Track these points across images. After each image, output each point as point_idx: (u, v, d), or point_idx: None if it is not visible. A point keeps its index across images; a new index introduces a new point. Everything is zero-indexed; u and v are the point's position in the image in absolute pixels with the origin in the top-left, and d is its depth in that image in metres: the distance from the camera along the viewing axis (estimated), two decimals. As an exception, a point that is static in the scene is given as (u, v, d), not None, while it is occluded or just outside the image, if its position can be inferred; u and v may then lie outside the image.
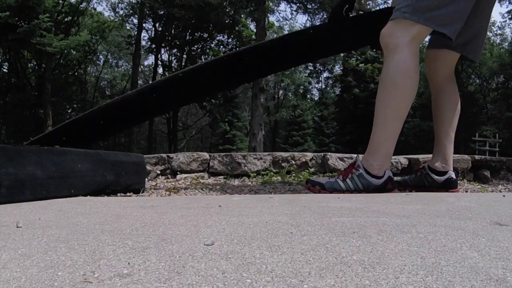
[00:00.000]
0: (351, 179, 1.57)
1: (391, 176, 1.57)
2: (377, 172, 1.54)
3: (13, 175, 1.28)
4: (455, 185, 1.77)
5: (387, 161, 1.57)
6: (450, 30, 1.49)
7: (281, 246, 0.67)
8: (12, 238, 0.75)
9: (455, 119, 1.78)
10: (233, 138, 26.03)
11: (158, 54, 21.37)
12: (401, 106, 1.52)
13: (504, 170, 2.47)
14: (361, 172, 1.55)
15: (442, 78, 1.79)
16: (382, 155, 1.55)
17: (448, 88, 1.79)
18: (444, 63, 1.77)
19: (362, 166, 1.56)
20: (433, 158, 1.80)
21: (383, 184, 1.54)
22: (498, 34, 29.41)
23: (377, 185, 1.54)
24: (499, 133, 20.01)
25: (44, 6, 13.39)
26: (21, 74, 18.57)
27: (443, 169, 1.75)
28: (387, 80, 1.53)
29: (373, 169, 1.55)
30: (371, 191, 1.53)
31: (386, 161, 1.56)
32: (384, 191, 1.54)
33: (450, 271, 0.54)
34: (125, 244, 0.70)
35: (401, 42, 1.50)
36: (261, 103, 13.52)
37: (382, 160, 1.55)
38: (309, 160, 2.47)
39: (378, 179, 1.54)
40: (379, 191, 1.53)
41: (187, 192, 1.90)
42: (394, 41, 1.51)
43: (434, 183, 1.75)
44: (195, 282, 0.51)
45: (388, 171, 1.57)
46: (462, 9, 1.49)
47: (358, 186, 1.55)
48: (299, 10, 14.20)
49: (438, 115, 1.80)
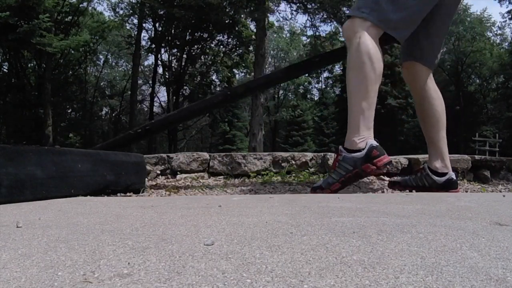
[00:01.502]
0: (338, 166, 1.59)
1: (373, 144, 1.55)
2: (359, 146, 1.55)
3: (13, 175, 1.28)
4: (456, 185, 1.78)
5: (369, 133, 1.57)
6: (400, 35, 1.62)
7: (281, 246, 0.67)
8: (12, 238, 0.75)
9: (443, 117, 1.81)
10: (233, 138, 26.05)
11: (158, 54, 21.36)
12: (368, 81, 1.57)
13: (504, 170, 2.47)
14: (344, 154, 1.58)
15: (421, 85, 1.82)
16: (361, 130, 1.57)
17: (429, 88, 1.82)
18: (417, 72, 1.81)
19: (342, 149, 1.60)
20: (431, 159, 1.81)
21: (367, 153, 1.54)
22: (498, 34, 29.42)
23: (361, 157, 1.54)
24: (499, 133, 20.01)
25: (44, 6, 13.38)
26: (21, 74, 18.56)
27: (443, 170, 1.76)
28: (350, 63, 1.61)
29: (355, 145, 1.56)
30: (360, 166, 1.54)
31: (367, 134, 1.57)
32: (371, 159, 1.53)
33: (450, 271, 0.54)
34: (125, 244, 0.70)
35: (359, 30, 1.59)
36: (261, 103, 13.52)
37: (362, 134, 1.56)
38: (309, 160, 2.47)
39: (360, 151, 1.55)
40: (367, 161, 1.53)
41: (187, 192, 1.90)
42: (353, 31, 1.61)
43: (434, 184, 1.76)
44: (195, 282, 0.51)
45: (370, 140, 1.56)
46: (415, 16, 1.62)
47: (348, 168, 1.56)
48: (299, 10, 14.19)
49: (426, 117, 1.82)
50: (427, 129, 1.82)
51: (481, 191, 2.00)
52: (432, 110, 1.80)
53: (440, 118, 1.80)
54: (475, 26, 27.21)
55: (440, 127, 1.80)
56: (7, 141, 18.64)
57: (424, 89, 1.81)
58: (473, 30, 27.03)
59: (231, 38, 19.81)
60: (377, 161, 1.53)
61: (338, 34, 17.01)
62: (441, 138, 1.80)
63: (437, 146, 1.79)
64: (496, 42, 29.16)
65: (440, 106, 1.81)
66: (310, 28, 15.56)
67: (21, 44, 13.90)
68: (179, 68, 20.88)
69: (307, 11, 13.65)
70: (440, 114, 1.80)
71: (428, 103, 1.80)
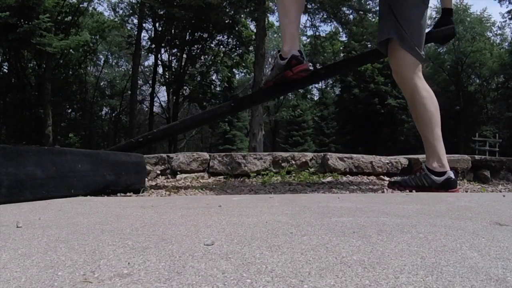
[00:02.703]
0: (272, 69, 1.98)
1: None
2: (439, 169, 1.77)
3: (13, 175, 1.28)
4: (455, 185, 1.78)
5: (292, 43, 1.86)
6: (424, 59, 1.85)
7: (281, 246, 0.67)
8: (12, 238, 0.75)
9: (437, 115, 1.81)
10: (233, 138, 26.04)
11: (158, 54, 21.34)
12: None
13: (504, 170, 2.47)
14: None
15: (409, 82, 1.84)
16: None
17: (420, 86, 1.83)
18: (402, 64, 1.85)
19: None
20: (428, 159, 1.81)
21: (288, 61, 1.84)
22: (498, 34, 29.38)
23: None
24: (499, 133, 20.00)
25: (44, 6, 13.37)
26: (21, 74, 18.55)
27: (441, 169, 1.77)
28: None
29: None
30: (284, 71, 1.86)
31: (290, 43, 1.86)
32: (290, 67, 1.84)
33: (450, 271, 0.54)
34: (125, 244, 0.70)
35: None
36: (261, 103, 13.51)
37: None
38: (309, 160, 2.47)
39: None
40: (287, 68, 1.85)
41: (187, 192, 1.90)
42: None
43: (433, 183, 1.76)
44: (195, 282, 0.51)
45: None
46: (423, 29, 1.84)
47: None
48: (299, 10, 14.15)
49: (419, 117, 1.83)
50: (421, 129, 1.83)
51: (481, 191, 2.00)
52: (424, 110, 1.80)
53: (432, 116, 1.80)
54: (475, 26, 27.18)
55: (434, 126, 1.80)
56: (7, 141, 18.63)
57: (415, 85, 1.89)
58: (473, 30, 27.00)
59: (231, 38, 19.80)
60: (294, 69, 1.83)
61: (338, 34, 17.03)
62: (436, 137, 1.80)
63: (433, 145, 1.80)
64: (496, 42, 29.13)
65: (432, 106, 1.80)
66: (310, 28, 15.58)
67: (21, 44, 13.89)
68: (179, 68, 20.87)
69: (307, 11, 13.64)
70: (432, 113, 1.80)
71: (420, 103, 1.80)
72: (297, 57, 1.84)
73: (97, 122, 29.21)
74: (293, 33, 1.88)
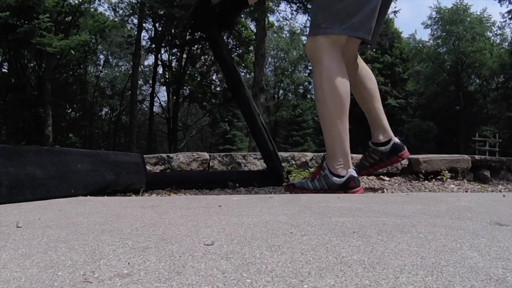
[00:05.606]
0: (318, 179, 1.69)
1: (353, 175, 1.64)
2: (339, 171, 1.64)
3: (13, 175, 1.28)
4: (402, 147, 1.86)
5: (346, 159, 1.66)
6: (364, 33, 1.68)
7: (281, 246, 0.67)
8: (12, 238, 0.75)
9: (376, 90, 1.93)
10: (233, 138, 26.04)
11: (158, 54, 21.35)
12: (335, 109, 1.65)
13: (504, 170, 2.47)
14: (326, 173, 1.66)
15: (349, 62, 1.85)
16: (339, 155, 1.66)
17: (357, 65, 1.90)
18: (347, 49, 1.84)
19: (327, 167, 1.67)
20: (374, 133, 1.90)
21: (345, 182, 1.63)
22: (498, 34, 29.36)
23: (339, 183, 1.64)
24: (499, 133, 20.01)
25: (44, 6, 13.36)
26: (21, 74, 18.55)
27: (386, 139, 1.86)
28: (317, 91, 1.68)
29: (335, 170, 1.65)
30: (335, 190, 1.63)
31: (345, 160, 1.66)
32: (347, 189, 1.62)
33: (450, 271, 0.54)
34: (125, 244, 0.70)
35: (321, 52, 1.65)
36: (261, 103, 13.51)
37: (340, 160, 1.65)
38: (309, 160, 2.47)
39: (340, 178, 1.64)
40: (342, 190, 1.62)
41: (187, 192, 1.90)
42: (316, 54, 1.67)
43: (383, 154, 1.85)
44: (195, 282, 0.51)
45: (350, 170, 1.65)
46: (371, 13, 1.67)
47: (324, 187, 1.66)
48: (299, 10, 14.18)
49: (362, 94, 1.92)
50: (364, 105, 1.92)
51: (481, 191, 2.00)
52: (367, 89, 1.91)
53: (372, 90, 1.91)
54: (475, 26, 27.18)
55: (374, 100, 1.91)
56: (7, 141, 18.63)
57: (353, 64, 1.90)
58: (473, 30, 27.00)
59: (231, 38, 19.80)
60: (350, 192, 1.62)
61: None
62: (378, 110, 1.91)
63: (377, 118, 1.89)
64: (496, 42, 29.12)
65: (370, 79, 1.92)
66: (310, 28, 15.54)
67: (21, 44, 13.90)
68: (179, 68, 20.87)
69: (307, 11, 13.64)
70: (372, 87, 1.92)
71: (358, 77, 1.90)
72: (356, 179, 1.64)
73: (97, 122, 29.21)
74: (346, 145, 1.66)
